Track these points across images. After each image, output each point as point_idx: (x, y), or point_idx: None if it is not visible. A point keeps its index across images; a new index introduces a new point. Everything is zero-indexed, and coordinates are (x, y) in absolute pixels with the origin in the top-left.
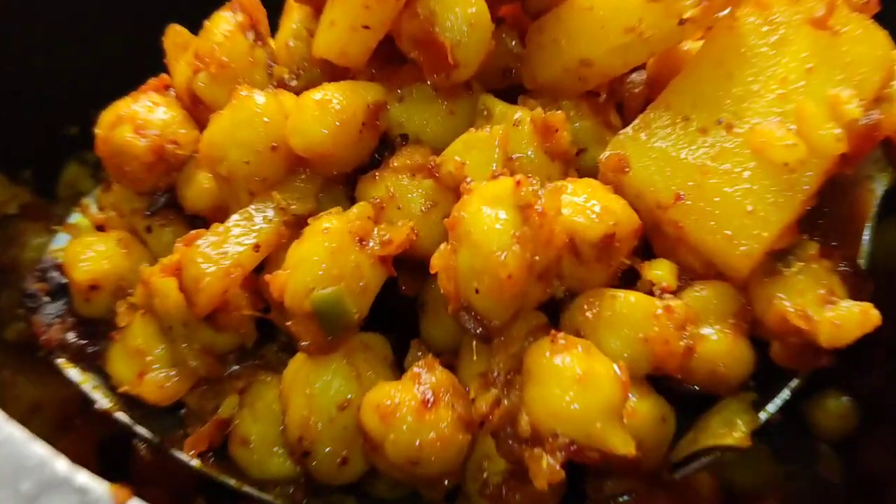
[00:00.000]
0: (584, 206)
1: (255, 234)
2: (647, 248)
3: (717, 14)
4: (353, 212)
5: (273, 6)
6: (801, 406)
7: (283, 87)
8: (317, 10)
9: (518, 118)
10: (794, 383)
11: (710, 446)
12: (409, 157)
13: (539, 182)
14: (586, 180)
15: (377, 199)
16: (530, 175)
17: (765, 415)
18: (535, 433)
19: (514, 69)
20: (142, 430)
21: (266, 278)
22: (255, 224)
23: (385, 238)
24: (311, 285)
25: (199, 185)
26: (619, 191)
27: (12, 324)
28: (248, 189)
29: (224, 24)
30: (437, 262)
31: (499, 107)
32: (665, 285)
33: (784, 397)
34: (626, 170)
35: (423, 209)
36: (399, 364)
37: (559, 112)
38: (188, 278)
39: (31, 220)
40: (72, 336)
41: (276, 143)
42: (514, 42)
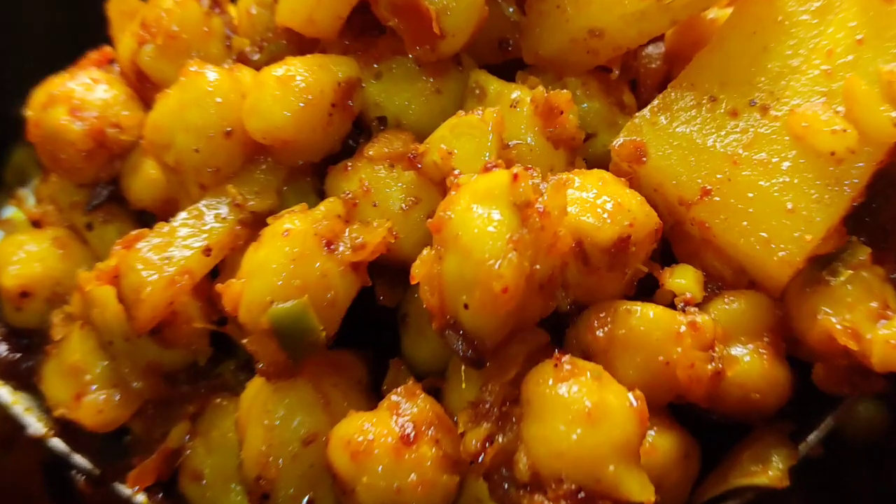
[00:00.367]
0: (594, 204)
1: (205, 235)
2: (668, 251)
3: None
4: (321, 210)
5: None
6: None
7: (243, 61)
8: None
9: (516, 98)
10: (839, 410)
11: (741, 486)
12: (387, 144)
13: (540, 174)
14: (596, 172)
15: (349, 193)
16: (530, 166)
17: (804, 448)
18: (535, 477)
19: (511, 40)
20: (80, 459)
21: (218, 288)
22: (205, 223)
23: (358, 241)
24: (269, 298)
25: (147, 176)
26: (634, 184)
27: None
28: (199, 181)
29: None
30: (419, 270)
31: (493, 85)
32: (689, 297)
33: (827, 428)
34: (643, 159)
35: (404, 207)
36: (377, 386)
37: (564, 91)
38: (127, 288)
39: None
40: (2, 349)
41: (230, 128)
42: (511, 8)
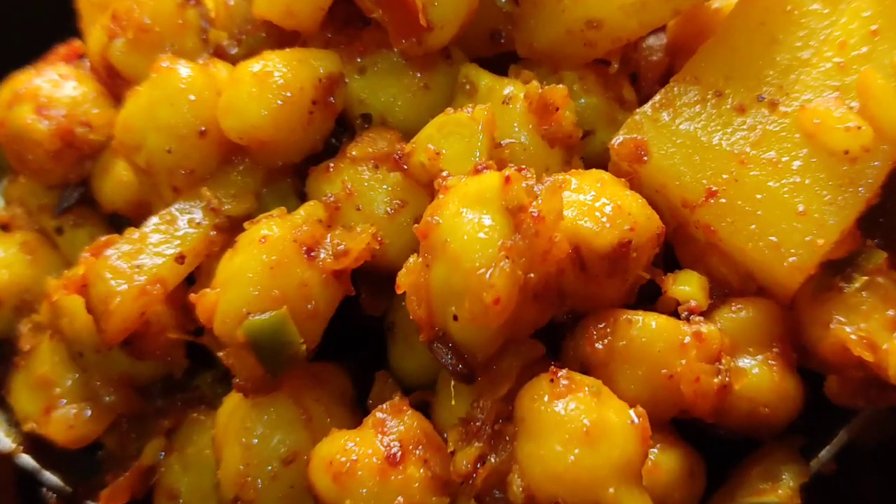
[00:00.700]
0: (592, 207)
1: (178, 241)
2: (671, 256)
3: None
4: (300, 214)
5: None
6: None
7: (221, 55)
8: None
9: (509, 94)
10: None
11: None
12: (371, 143)
13: (534, 176)
14: (594, 172)
15: (331, 196)
16: (523, 167)
17: (816, 464)
18: (530, 500)
19: (503, 32)
20: (50, 476)
21: (191, 298)
22: (178, 229)
23: (340, 248)
24: (245, 309)
25: (118, 178)
26: (635, 186)
27: None
28: (172, 184)
29: None
30: (405, 279)
31: (485, 80)
32: (693, 305)
33: (840, 443)
34: (645, 158)
35: (389, 210)
36: (362, 399)
37: (560, 86)
38: (95, 298)
39: None
40: None
41: (204, 127)
42: None
